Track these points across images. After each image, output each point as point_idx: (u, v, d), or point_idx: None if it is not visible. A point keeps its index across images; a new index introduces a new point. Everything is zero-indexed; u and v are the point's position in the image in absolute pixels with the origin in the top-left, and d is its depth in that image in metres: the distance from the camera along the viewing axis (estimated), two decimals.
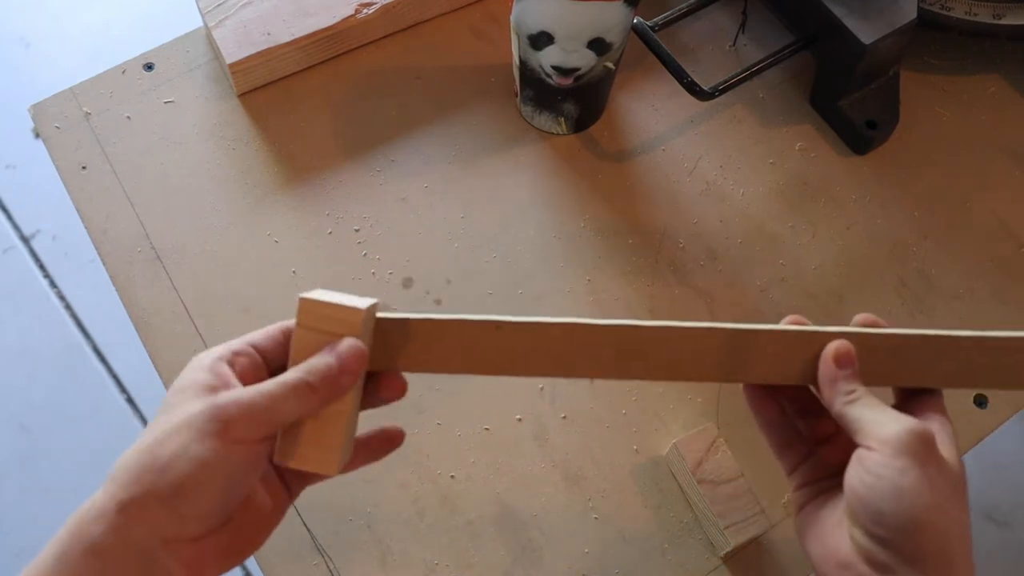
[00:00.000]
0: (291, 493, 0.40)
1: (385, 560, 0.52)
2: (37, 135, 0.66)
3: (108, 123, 0.64)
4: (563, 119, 0.65)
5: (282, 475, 0.39)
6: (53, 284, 1.37)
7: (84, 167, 0.63)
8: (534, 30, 0.57)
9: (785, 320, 0.41)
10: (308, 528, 0.53)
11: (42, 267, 1.38)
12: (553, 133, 0.66)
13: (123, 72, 0.66)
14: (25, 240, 1.40)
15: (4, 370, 1.30)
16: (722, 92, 0.63)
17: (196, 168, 0.63)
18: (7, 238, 1.40)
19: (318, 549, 0.52)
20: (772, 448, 0.42)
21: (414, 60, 0.68)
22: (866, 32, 0.61)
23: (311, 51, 0.66)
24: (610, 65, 0.60)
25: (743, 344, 0.40)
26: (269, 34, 0.64)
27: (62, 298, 1.36)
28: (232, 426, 0.34)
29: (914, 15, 0.62)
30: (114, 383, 1.30)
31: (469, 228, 0.63)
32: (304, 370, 0.36)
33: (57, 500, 1.21)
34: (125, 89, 0.66)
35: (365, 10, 0.66)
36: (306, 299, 0.37)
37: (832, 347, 0.39)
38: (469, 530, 0.53)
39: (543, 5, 0.54)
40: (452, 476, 0.55)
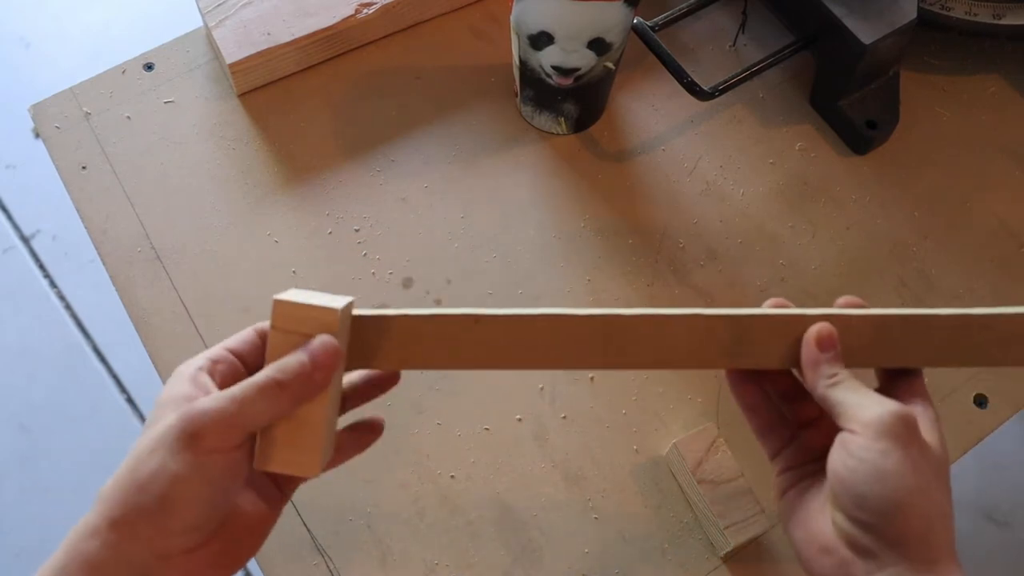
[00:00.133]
0: (284, 493, 0.39)
1: (385, 560, 0.52)
2: (37, 135, 0.66)
3: (108, 123, 0.64)
4: (563, 119, 0.65)
5: (272, 476, 0.39)
6: (53, 284, 1.37)
7: (84, 167, 0.63)
8: (534, 30, 0.57)
9: (767, 303, 0.40)
10: (308, 528, 0.53)
11: (42, 267, 1.38)
12: (553, 133, 0.66)
13: (123, 72, 0.67)
14: (25, 240, 1.40)
15: (4, 370, 1.30)
16: (722, 92, 0.63)
17: (196, 168, 0.63)
18: (7, 238, 1.40)
19: (318, 549, 0.52)
20: (754, 432, 0.42)
21: (414, 60, 0.68)
22: (866, 32, 0.61)
23: (311, 51, 0.66)
24: (610, 65, 0.60)
25: (726, 329, 0.39)
26: (269, 34, 0.64)
27: (62, 298, 1.36)
28: (204, 437, 0.33)
29: (914, 15, 0.62)
30: (114, 383, 1.30)
31: (469, 228, 0.63)
32: (274, 369, 0.35)
33: (57, 500, 1.21)
34: (125, 89, 0.66)
35: (365, 10, 0.66)
36: (280, 301, 0.36)
37: (814, 330, 0.39)
38: (469, 530, 0.53)
39: (543, 5, 0.54)
40: (452, 476, 0.55)
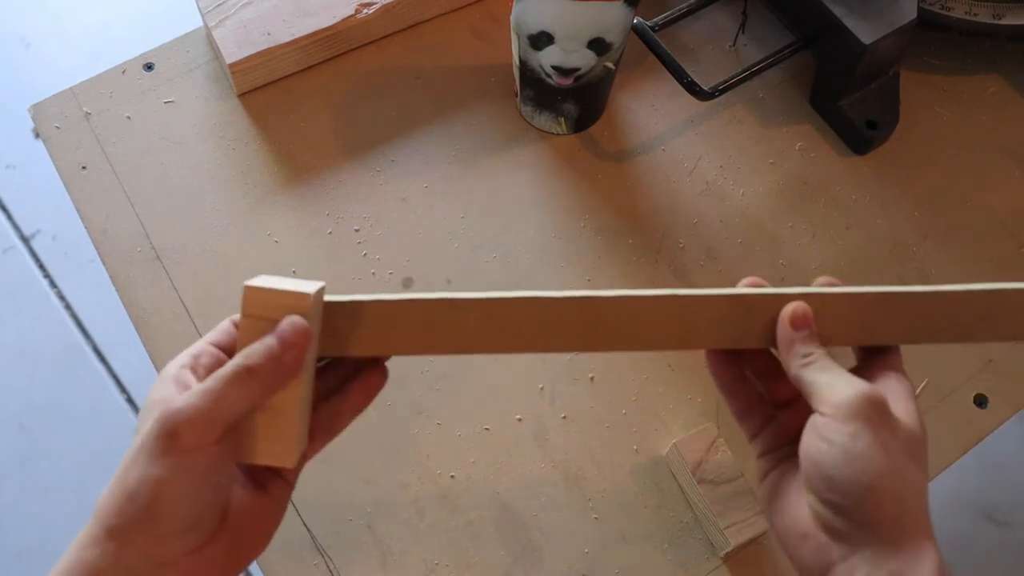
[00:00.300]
0: (287, 482, 0.38)
1: (385, 560, 0.52)
2: (37, 135, 0.66)
3: (108, 123, 0.64)
4: (563, 119, 0.65)
5: (270, 467, 0.38)
6: (53, 284, 1.37)
7: (84, 167, 0.63)
8: (534, 30, 0.57)
9: (743, 282, 0.40)
10: (308, 528, 0.53)
11: (42, 267, 1.38)
12: (553, 133, 0.66)
13: (123, 72, 0.67)
14: (25, 240, 1.40)
15: (4, 370, 1.30)
16: (722, 92, 0.63)
17: (196, 168, 0.63)
18: (7, 238, 1.40)
19: (318, 549, 0.52)
20: (732, 413, 0.41)
21: (414, 60, 0.68)
22: (866, 32, 0.61)
23: (311, 51, 0.66)
24: (610, 65, 0.60)
25: (703, 309, 0.39)
26: (269, 34, 0.64)
27: (62, 298, 1.36)
28: (180, 437, 0.33)
29: (914, 15, 0.62)
30: (114, 383, 1.30)
31: (469, 228, 0.63)
32: (242, 356, 0.34)
33: (57, 500, 1.21)
34: (125, 89, 0.66)
35: (365, 10, 0.66)
36: (250, 287, 0.36)
37: (788, 309, 0.38)
38: (469, 530, 0.53)
39: (543, 5, 0.54)
40: (452, 476, 0.55)
